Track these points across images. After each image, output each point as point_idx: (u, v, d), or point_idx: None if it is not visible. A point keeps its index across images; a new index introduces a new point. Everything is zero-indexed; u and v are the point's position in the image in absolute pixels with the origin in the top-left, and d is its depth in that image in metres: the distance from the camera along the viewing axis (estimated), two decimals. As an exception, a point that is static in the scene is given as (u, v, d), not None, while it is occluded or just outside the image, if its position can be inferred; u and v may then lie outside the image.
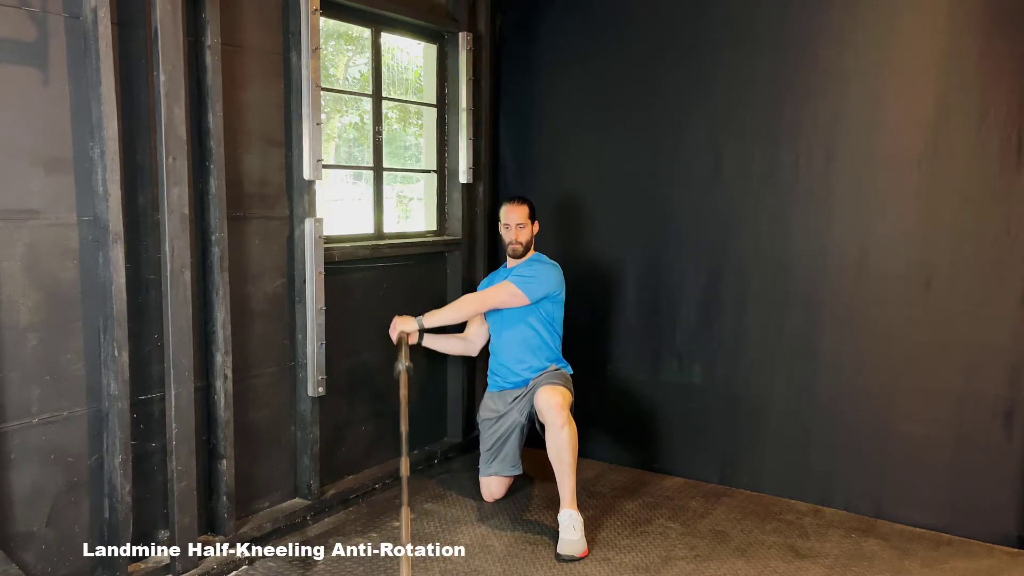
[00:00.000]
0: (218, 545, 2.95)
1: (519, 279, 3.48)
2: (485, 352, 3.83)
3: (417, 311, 3.95)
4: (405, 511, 2.59)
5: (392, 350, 3.72)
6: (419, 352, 4.00)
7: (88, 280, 2.56)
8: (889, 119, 3.35)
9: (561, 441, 3.17)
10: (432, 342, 3.74)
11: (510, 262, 3.65)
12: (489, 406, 3.65)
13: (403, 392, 3.00)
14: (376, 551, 3.11)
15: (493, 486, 3.60)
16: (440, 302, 4.01)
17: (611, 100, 3.99)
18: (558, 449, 3.18)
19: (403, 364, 3.14)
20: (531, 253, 3.63)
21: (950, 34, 3.22)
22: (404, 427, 2.86)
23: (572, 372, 3.63)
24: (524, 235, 3.57)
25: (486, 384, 3.78)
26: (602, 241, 4.10)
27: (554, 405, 3.21)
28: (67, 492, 2.56)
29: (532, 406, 3.42)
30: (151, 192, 2.71)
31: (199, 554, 2.85)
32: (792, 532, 3.35)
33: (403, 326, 3.47)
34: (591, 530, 3.29)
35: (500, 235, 3.70)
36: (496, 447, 3.57)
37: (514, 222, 3.56)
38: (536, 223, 3.66)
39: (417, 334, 3.55)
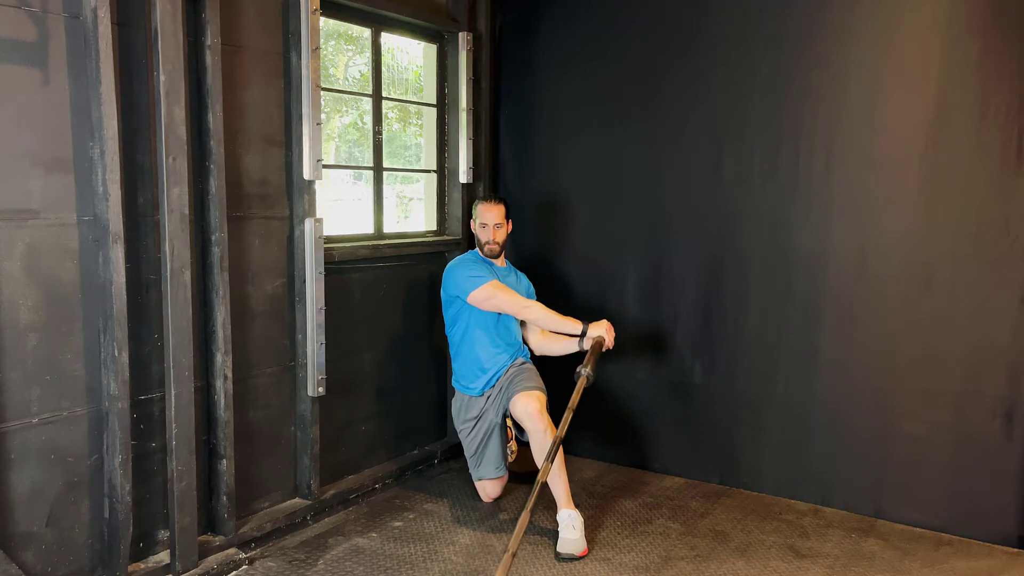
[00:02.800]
0: (218, 545, 2.96)
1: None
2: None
3: (416, 311, 3.96)
4: (525, 517, 2.69)
5: (386, 344, 3.70)
6: (417, 352, 4.01)
7: (88, 280, 2.56)
8: (889, 119, 3.35)
9: (546, 446, 3.17)
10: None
11: (489, 259, 3.61)
12: (463, 414, 3.59)
13: (574, 398, 3.10)
14: (376, 551, 3.11)
15: (488, 488, 3.60)
16: (440, 303, 4.02)
17: (611, 100, 3.99)
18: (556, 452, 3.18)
19: (586, 369, 3.20)
20: (503, 259, 3.65)
21: (950, 34, 3.22)
22: (561, 432, 2.97)
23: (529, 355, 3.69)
24: (501, 235, 3.57)
25: None
26: (602, 241, 4.09)
27: (532, 412, 3.23)
28: (67, 492, 2.56)
29: (505, 405, 3.44)
30: (151, 192, 2.71)
31: (199, 554, 2.84)
32: (792, 532, 3.35)
33: (607, 333, 3.41)
34: (591, 530, 3.29)
35: (474, 233, 3.64)
36: (479, 451, 3.56)
37: (491, 222, 3.54)
38: (510, 222, 3.65)
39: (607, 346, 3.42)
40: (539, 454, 3.21)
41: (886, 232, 3.39)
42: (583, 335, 3.42)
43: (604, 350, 3.38)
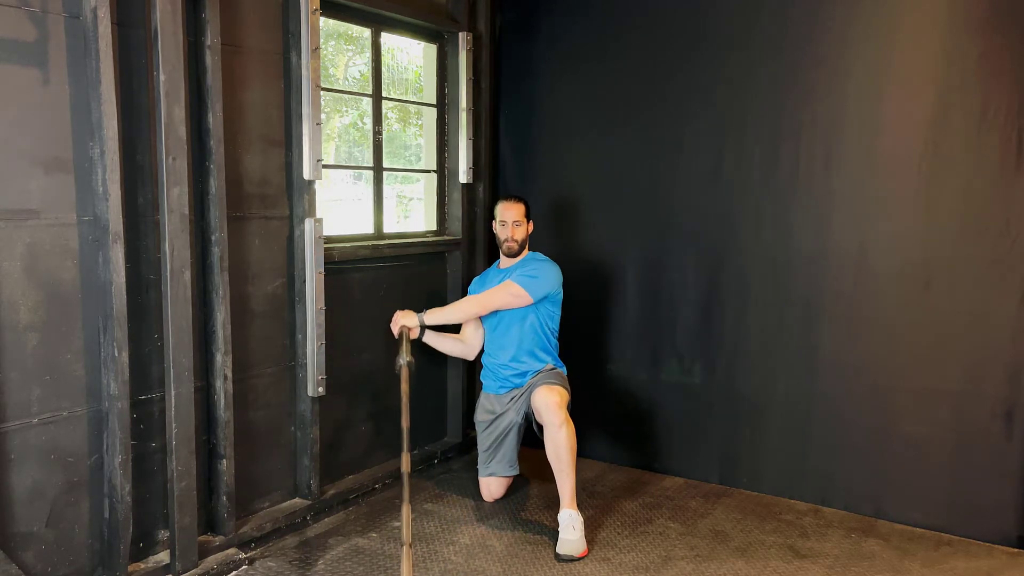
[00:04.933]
0: (218, 545, 2.96)
1: (523, 279, 3.45)
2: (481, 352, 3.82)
3: (418, 310, 3.95)
4: (406, 509, 2.59)
5: (392, 344, 3.72)
6: (419, 352, 4.01)
7: (88, 280, 2.56)
8: (889, 119, 3.35)
9: (559, 440, 3.17)
10: (432, 340, 3.71)
11: (504, 261, 3.64)
12: (485, 407, 3.65)
13: (404, 387, 3.02)
14: (376, 551, 3.11)
15: (492, 486, 3.60)
16: (440, 302, 4.01)
17: (611, 100, 3.99)
18: (556, 448, 3.17)
19: (404, 359, 3.18)
20: (526, 252, 3.62)
21: (950, 34, 3.22)
22: (405, 423, 2.89)
23: (567, 372, 3.62)
24: (520, 233, 3.56)
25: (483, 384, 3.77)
26: (602, 241, 4.09)
27: (551, 404, 3.21)
28: (67, 492, 2.56)
29: (528, 405, 3.43)
30: (151, 192, 2.71)
31: (199, 554, 2.84)
32: (792, 532, 3.35)
33: (405, 321, 3.51)
34: (591, 530, 3.29)
35: (494, 233, 3.67)
36: (493, 448, 3.57)
37: (511, 219, 3.54)
38: (531, 222, 3.65)
39: (418, 330, 3.59)
40: (552, 450, 3.20)
41: (886, 232, 3.38)
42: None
43: (410, 335, 3.51)
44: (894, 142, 3.34)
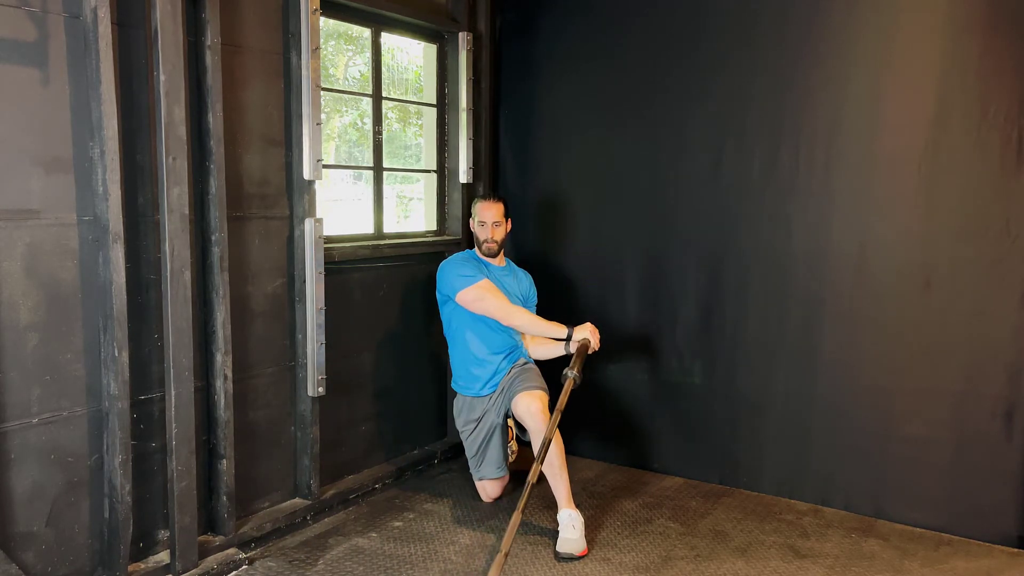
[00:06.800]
0: (218, 545, 2.96)
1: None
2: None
3: (416, 311, 3.95)
4: (517, 516, 2.80)
5: (388, 344, 3.70)
6: (417, 352, 4.01)
7: (88, 280, 2.56)
8: (889, 119, 3.35)
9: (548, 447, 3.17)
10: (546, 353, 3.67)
11: (487, 258, 3.61)
12: (465, 414, 3.59)
13: (562, 398, 3.12)
14: (376, 551, 3.11)
15: (488, 488, 3.60)
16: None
17: (611, 100, 3.99)
18: (547, 455, 3.17)
19: (573, 371, 3.22)
20: (502, 258, 3.66)
21: (950, 34, 3.22)
22: (549, 434, 3.01)
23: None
24: (499, 233, 3.57)
25: None
26: (602, 241, 4.09)
27: (535, 412, 3.22)
28: (67, 492, 2.56)
29: (508, 406, 3.44)
30: (151, 192, 2.71)
31: (199, 554, 2.84)
32: (792, 532, 3.35)
33: (592, 336, 3.41)
34: (591, 530, 3.29)
35: (472, 232, 3.65)
36: (480, 452, 3.56)
37: (490, 219, 3.54)
38: (509, 221, 3.66)
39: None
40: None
41: (886, 232, 3.38)
42: (568, 339, 3.43)
43: (590, 352, 3.40)
44: (894, 142, 3.34)
